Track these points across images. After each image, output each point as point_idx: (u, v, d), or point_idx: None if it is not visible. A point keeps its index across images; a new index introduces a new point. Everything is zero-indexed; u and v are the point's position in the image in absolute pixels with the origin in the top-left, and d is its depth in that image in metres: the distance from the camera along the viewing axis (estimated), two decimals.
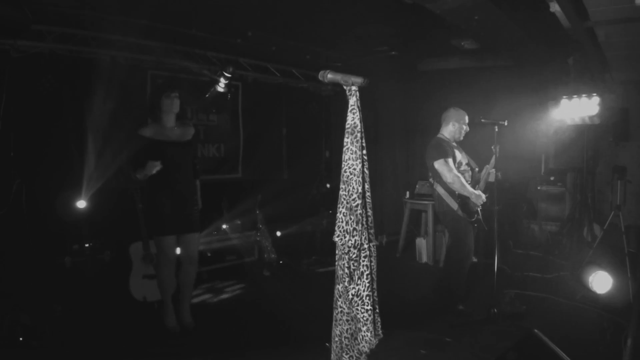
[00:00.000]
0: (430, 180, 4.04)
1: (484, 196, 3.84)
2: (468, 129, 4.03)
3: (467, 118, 4.01)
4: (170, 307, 3.67)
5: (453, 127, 3.97)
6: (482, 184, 3.99)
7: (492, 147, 3.98)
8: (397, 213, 6.53)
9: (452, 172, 3.75)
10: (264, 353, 3.37)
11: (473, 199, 3.80)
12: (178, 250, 3.71)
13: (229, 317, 4.08)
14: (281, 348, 3.43)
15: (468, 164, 3.98)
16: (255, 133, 6.66)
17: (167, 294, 3.64)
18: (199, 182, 3.88)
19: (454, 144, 3.99)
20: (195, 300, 4.35)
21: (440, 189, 3.91)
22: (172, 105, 3.50)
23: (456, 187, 3.77)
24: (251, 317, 4.07)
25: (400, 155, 7.30)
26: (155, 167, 3.33)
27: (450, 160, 3.78)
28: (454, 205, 3.83)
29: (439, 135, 4.01)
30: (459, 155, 3.91)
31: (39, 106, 4.55)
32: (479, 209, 3.91)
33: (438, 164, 3.79)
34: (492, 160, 3.96)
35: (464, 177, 3.83)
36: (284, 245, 6.01)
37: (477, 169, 4.03)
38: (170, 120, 3.56)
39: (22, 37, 4.34)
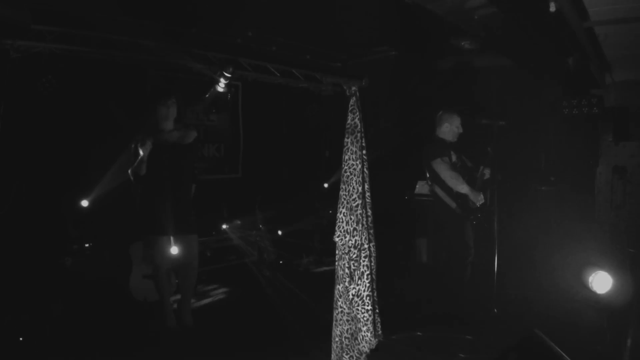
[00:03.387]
0: (428, 182, 4.05)
1: (481, 196, 3.84)
2: (461, 131, 4.05)
3: (459, 121, 4.04)
4: (169, 308, 3.65)
5: (446, 128, 4.01)
6: (478, 183, 4.00)
7: (488, 149, 4.00)
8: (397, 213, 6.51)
9: (450, 170, 3.77)
10: (264, 352, 3.37)
11: (471, 197, 3.81)
12: (175, 251, 3.65)
13: (229, 317, 4.08)
14: (281, 347, 3.43)
15: (464, 164, 3.99)
16: (255, 133, 6.65)
17: (164, 293, 3.63)
18: (194, 187, 3.84)
19: (449, 144, 4.01)
20: (196, 300, 4.35)
21: (438, 189, 3.92)
22: (168, 113, 3.51)
23: (453, 184, 3.78)
24: (251, 317, 4.07)
25: (400, 155, 7.28)
26: (147, 146, 3.34)
27: (446, 158, 3.81)
28: (452, 204, 3.84)
29: (434, 136, 4.03)
30: (454, 155, 3.94)
31: (39, 106, 4.54)
32: (477, 207, 3.91)
33: (435, 163, 3.82)
34: (488, 160, 3.99)
35: (461, 176, 3.84)
36: (284, 245, 6.01)
37: (471, 167, 4.04)
38: (168, 125, 3.56)
39: (22, 37, 4.34)
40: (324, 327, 2.54)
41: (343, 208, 2.13)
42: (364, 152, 2.11)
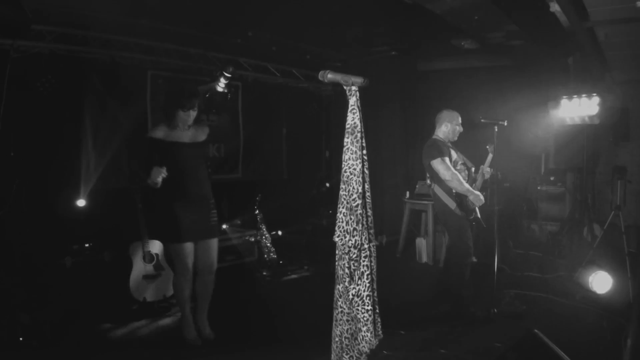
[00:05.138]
0: (428, 181, 4.05)
1: (482, 196, 3.84)
2: (461, 130, 4.04)
3: (459, 119, 4.02)
4: (189, 319, 3.46)
5: (446, 128, 3.99)
6: (478, 182, 4.00)
7: (488, 147, 4.00)
8: (397, 213, 6.53)
9: (450, 170, 3.76)
10: (264, 352, 3.37)
11: (471, 197, 3.81)
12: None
13: (228, 317, 4.07)
14: (281, 347, 3.43)
15: (464, 164, 3.98)
16: (255, 133, 6.66)
17: (184, 304, 3.43)
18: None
19: (449, 144, 4.01)
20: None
21: (438, 189, 3.91)
22: (188, 120, 3.28)
23: (454, 184, 3.77)
24: (251, 317, 4.06)
25: (400, 155, 7.30)
26: (161, 174, 3.07)
27: (446, 158, 3.80)
28: (452, 204, 3.83)
29: (434, 137, 4.03)
30: (454, 154, 3.93)
31: (39, 106, 4.55)
32: (477, 207, 3.91)
33: (435, 163, 3.80)
34: (488, 159, 3.99)
35: (461, 176, 3.84)
36: (284, 245, 6.01)
37: (473, 168, 4.04)
38: (183, 126, 3.31)
39: (22, 37, 4.34)
40: (323, 327, 2.54)
41: (343, 208, 2.13)
42: (364, 152, 2.11)
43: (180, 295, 3.43)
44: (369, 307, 2.13)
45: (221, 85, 5.31)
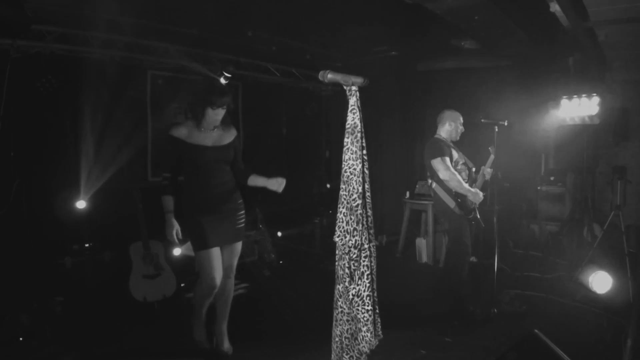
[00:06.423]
0: (429, 179, 4.06)
1: (481, 193, 3.85)
2: (463, 129, 4.06)
3: (461, 119, 4.05)
4: (203, 320, 3.29)
5: (449, 126, 4.01)
6: (478, 182, 4.01)
7: (490, 148, 4.00)
8: (397, 213, 6.53)
9: (449, 170, 3.77)
10: (265, 352, 3.37)
11: (470, 197, 3.82)
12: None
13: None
14: (281, 348, 3.43)
15: (465, 164, 3.99)
16: (255, 133, 6.66)
17: (202, 309, 3.24)
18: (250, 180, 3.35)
19: (451, 143, 4.01)
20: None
21: (438, 188, 3.92)
22: (217, 119, 3.09)
23: (452, 184, 3.78)
24: (251, 317, 4.06)
25: (400, 155, 7.30)
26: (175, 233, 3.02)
27: (447, 158, 3.81)
28: (452, 203, 3.84)
29: (436, 136, 4.05)
30: (455, 154, 3.94)
31: (39, 106, 4.54)
32: (476, 207, 3.92)
33: (435, 162, 3.82)
34: (489, 161, 4.00)
35: (461, 176, 3.85)
36: (284, 245, 6.01)
37: (473, 169, 4.05)
38: (209, 127, 3.12)
39: (22, 37, 4.34)
40: (323, 327, 2.54)
41: (343, 208, 2.13)
42: (364, 152, 2.11)
43: (201, 301, 3.22)
44: (369, 307, 2.13)
45: None
